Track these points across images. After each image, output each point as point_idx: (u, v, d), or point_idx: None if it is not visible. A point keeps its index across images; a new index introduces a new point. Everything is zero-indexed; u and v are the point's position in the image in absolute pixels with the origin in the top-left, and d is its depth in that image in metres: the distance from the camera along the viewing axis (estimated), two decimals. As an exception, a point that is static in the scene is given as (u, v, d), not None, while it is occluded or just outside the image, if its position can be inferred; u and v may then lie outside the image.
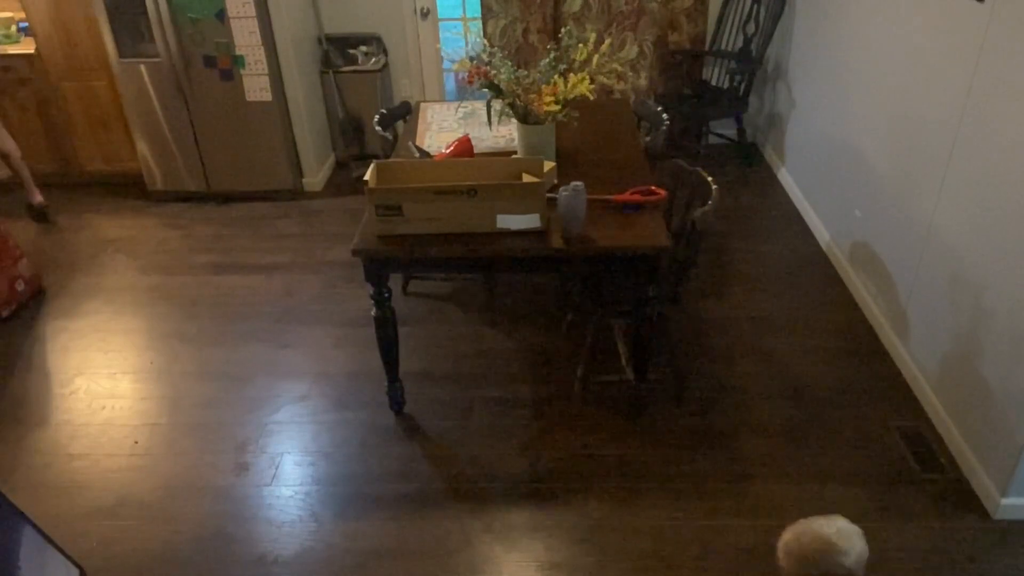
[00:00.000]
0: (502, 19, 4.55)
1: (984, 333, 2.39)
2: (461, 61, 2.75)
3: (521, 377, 3.02)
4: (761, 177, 4.55)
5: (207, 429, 2.84)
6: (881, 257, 3.14)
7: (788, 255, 3.76)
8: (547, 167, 2.55)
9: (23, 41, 4.41)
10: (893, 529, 2.33)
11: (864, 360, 3.03)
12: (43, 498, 2.57)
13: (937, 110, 2.66)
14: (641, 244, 2.39)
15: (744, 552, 2.29)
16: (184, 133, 4.29)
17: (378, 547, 2.36)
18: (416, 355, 3.14)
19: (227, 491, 2.58)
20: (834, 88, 3.67)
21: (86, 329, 3.44)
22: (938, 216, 2.67)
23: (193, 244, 4.08)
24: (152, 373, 3.15)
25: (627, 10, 4.47)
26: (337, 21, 4.62)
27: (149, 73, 4.11)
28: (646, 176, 2.78)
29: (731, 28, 4.49)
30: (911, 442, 2.63)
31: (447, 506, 2.48)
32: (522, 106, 2.68)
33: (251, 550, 2.38)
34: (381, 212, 2.41)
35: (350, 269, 3.67)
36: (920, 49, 2.81)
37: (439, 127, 3.33)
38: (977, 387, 2.43)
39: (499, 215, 2.41)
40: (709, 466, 2.58)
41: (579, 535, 2.36)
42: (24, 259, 3.63)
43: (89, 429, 2.87)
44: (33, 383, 3.13)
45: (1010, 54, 2.24)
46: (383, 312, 2.60)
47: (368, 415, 2.86)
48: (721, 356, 3.09)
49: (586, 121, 3.01)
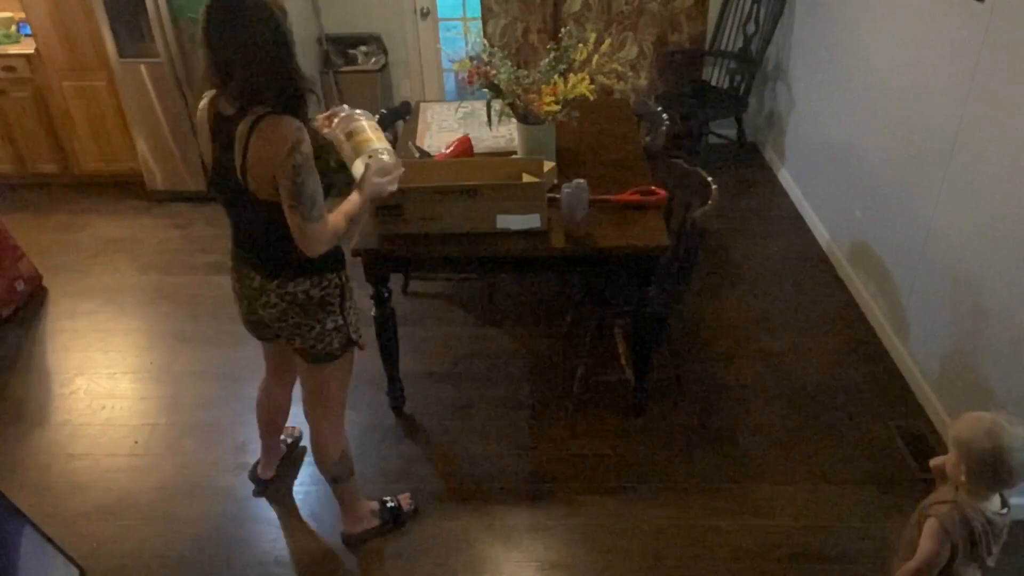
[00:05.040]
0: (502, 19, 4.55)
1: (984, 333, 2.39)
2: (461, 61, 2.75)
3: (521, 377, 3.02)
4: (761, 177, 4.55)
5: (207, 429, 2.84)
6: (881, 257, 3.14)
7: (788, 255, 3.76)
8: (547, 167, 2.55)
9: (23, 41, 4.41)
10: (893, 529, 2.33)
11: (864, 360, 3.03)
12: (43, 498, 2.57)
13: (937, 110, 2.66)
14: (641, 244, 2.39)
15: (744, 552, 2.29)
16: (184, 133, 4.28)
17: (378, 547, 2.36)
18: (416, 355, 3.14)
19: (227, 491, 2.58)
20: (834, 88, 3.67)
21: (86, 329, 3.44)
22: (938, 216, 2.67)
23: (193, 244, 4.08)
24: (152, 373, 3.15)
25: (627, 10, 4.47)
26: (337, 21, 4.62)
27: (149, 73, 4.11)
28: (646, 176, 2.78)
29: (731, 28, 4.49)
30: (911, 442, 2.63)
31: (447, 506, 2.48)
32: (522, 106, 2.68)
33: (251, 550, 2.38)
34: (381, 212, 2.41)
35: (350, 269, 3.65)
36: (920, 49, 2.81)
37: (439, 127, 3.33)
38: (977, 387, 2.43)
39: (499, 215, 2.41)
40: (709, 466, 2.58)
41: (579, 535, 2.36)
42: (24, 259, 3.63)
43: (89, 429, 2.87)
44: (33, 383, 3.13)
45: (1010, 54, 2.24)
46: (383, 312, 2.60)
47: (368, 415, 2.86)
48: (721, 356, 3.09)
49: (586, 121, 3.01)
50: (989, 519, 1.59)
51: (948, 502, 1.60)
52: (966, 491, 1.60)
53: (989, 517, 1.59)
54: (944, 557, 1.59)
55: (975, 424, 1.55)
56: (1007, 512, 1.62)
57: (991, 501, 1.60)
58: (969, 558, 1.61)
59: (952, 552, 1.59)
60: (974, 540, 1.58)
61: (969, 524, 1.57)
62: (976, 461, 1.54)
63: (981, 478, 1.55)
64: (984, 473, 1.54)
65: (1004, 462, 1.51)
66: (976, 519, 1.58)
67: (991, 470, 1.53)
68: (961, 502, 1.59)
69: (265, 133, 1.74)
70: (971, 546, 1.59)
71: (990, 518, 1.59)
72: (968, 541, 1.58)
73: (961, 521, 1.57)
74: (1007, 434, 1.51)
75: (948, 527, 1.57)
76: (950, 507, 1.59)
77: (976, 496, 1.59)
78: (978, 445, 1.52)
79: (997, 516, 1.60)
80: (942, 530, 1.57)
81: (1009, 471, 1.52)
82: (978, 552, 1.61)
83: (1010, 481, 1.55)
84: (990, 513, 1.60)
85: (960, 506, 1.58)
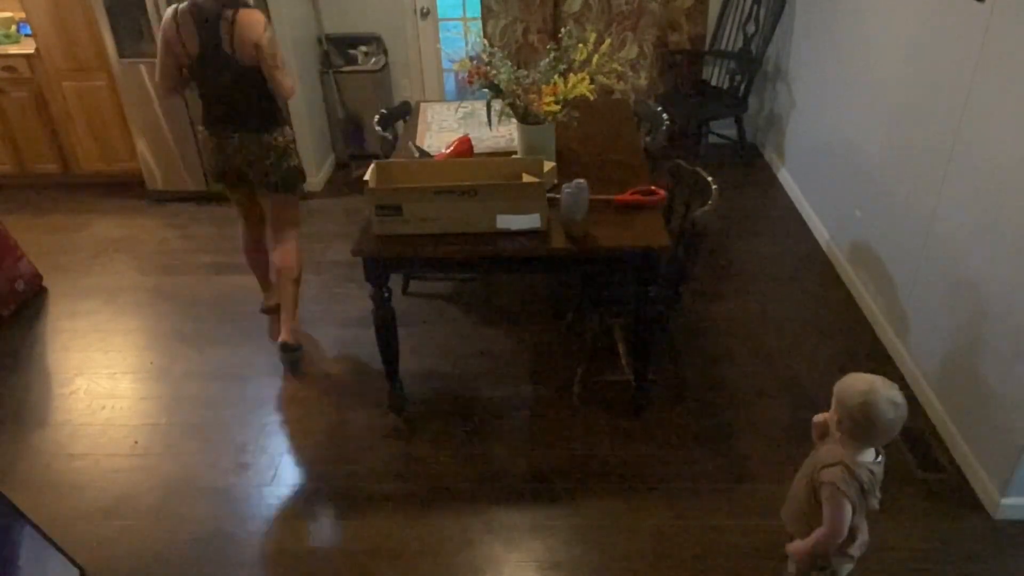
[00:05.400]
0: (502, 19, 4.55)
1: (984, 333, 2.39)
2: (461, 61, 2.75)
3: (521, 377, 3.02)
4: (761, 177, 4.55)
5: (207, 429, 2.84)
6: (881, 257, 3.14)
7: (788, 255, 3.76)
8: (547, 167, 2.55)
9: (23, 41, 4.41)
10: (893, 529, 2.33)
11: (864, 360, 3.03)
12: (43, 498, 2.57)
13: (937, 110, 2.66)
14: (641, 244, 2.39)
15: (744, 552, 2.29)
16: (184, 133, 4.29)
17: (378, 547, 2.36)
18: (416, 355, 3.14)
19: (227, 491, 2.58)
20: (834, 88, 3.67)
21: (86, 329, 3.44)
22: (938, 216, 2.67)
23: (193, 244, 4.08)
24: (152, 373, 3.15)
25: (627, 10, 4.47)
26: (337, 21, 4.62)
27: (149, 73, 4.11)
28: (646, 176, 2.78)
29: (731, 28, 4.49)
30: (911, 442, 2.63)
31: (447, 506, 2.48)
32: (522, 106, 2.68)
33: (251, 550, 2.38)
34: (381, 212, 2.41)
35: (350, 269, 3.66)
36: (920, 49, 2.81)
37: (439, 127, 3.33)
38: (977, 387, 2.43)
39: (499, 215, 2.41)
40: (709, 466, 2.58)
41: (579, 535, 2.36)
42: (24, 258, 3.63)
43: (89, 429, 2.87)
44: (33, 383, 3.13)
45: (1010, 54, 2.24)
46: (383, 312, 2.60)
47: (368, 415, 2.86)
48: (721, 356, 3.09)
49: (586, 121, 3.01)
50: (871, 469, 1.73)
51: (836, 464, 1.72)
52: (843, 445, 1.73)
53: (871, 468, 1.73)
54: (849, 515, 1.72)
55: (854, 383, 1.68)
56: (881, 460, 1.76)
57: (867, 453, 1.73)
58: (861, 508, 1.76)
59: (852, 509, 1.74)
60: (864, 491, 1.72)
61: (858, 479, 1.70)
62: (851, 418, 1.67)
63: (855, 433, 1.68)
64: (857, 429, 1.67)
65: (874, 421, 1.64)
66: (862, 473, 1.71)
67: (863, 427, 1.66)
68: (847, 461, 1.71)
69: (244, 18, 2.68)
70: (861, 497, 1.73)
71: (871, 468, 1.73)
72: (860, 494, 1.72)
73: (851, 479, 1.70)
74: (880, 396, 1.63)
75: (844, 488, 1.69)
76: (840, 469, 1.71)
77: (854, 450, 1.72)
78: (853, 402, 1.65)
79: (875, 465, 1.74)
80: (840, 493, 1.69)
81: (878, 430, 1.66)
82: (866, 501, 1.75)
83: (881, 439, 1.69)
84: (870, 463, 1.73)
85: (846, 466, 1.71)
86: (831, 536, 1.75)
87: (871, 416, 1.64)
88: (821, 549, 1.79)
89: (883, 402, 1.64)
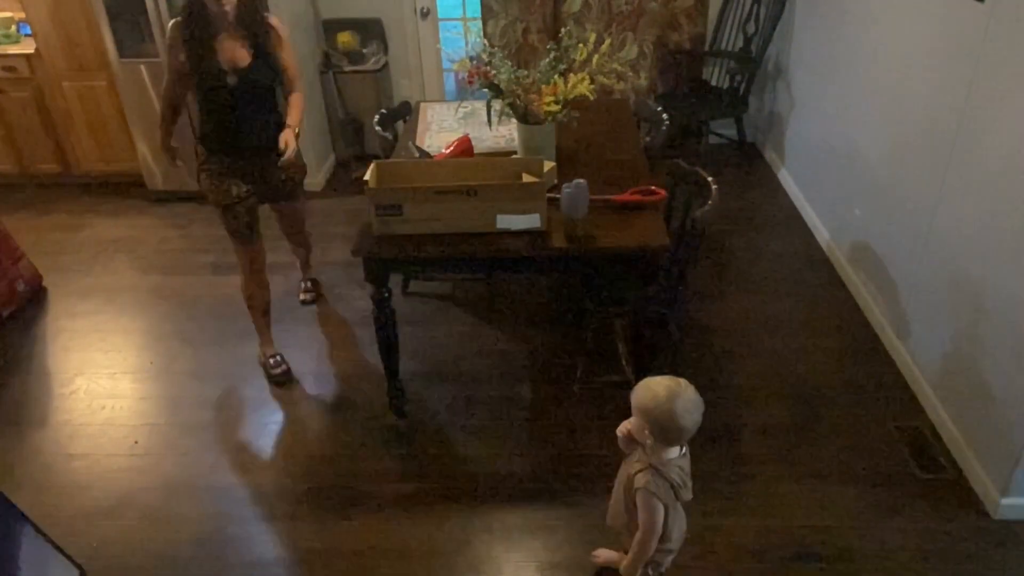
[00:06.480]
0: (502, 19, 4.55)
1: (984, 333, 2.39)
2: (461, 61, 2.75)
3: (521, 377, 3.02)
4: (761, 177, 4.55)
5: (207, 429, 2.84)
6: (881, 257, 3.14)
7: (788, 255, 3.76)
8: (547, 167, 2.55)
9: (23, 41, 4.41)
10: (893, 528, 2.33)
11: (864, 360, 3.03)
12: (43, 498, 2.57)
13: (937, 110, 2.66)
14: (641, 244, 2.39)
15: (744, 552, 2.29)
16: (184, 133, 4.28)
17: (378, 547, 2.36)
18: (416, 355, 3.14)
19: (227, 491, 2.58)
20: (834, 88, 3.67)
21: (86, 329, 3.44)
22: (938, 216, 2.67)
23: (193, 244, 4.08)
24: (152, 373, 3.15)
25: (627, 10, 4.48)
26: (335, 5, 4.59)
27: (149, 73, 4.11)
28: (646, 176, 2.78)
29: (731, 28, 4.49)
30: (911, 442, 2.63)
31: (447, 506, 2.48)
32: (522, 106, 2.68)
33: (251, 550, 2.38)
34: (381, 212, 2.41)
35: (350, 269, 3.66)
36: (920, 49, 2.81)
37: (439, 127, 3.33)
38: (977, 387, 2.43)
39: (499, 215, 2.41)
40: (709, 466, 2.58)
41: (579, 535, 2.36)
42: (24, 259, 3.63)
43: (89, 429, 2.87)
44: (33, 383, 3.13)
45: (1010, 54, 2.24)
46: (383, 312, 2.60)
47: (368, 415, 2.86)
48: (721, 356, 3.09)
49: (586, 121, 3.01)
50: (679, 465, 1.82)
51: (645, 469, 1.80)
52: (651, 450, 1.80)
53: (678, 464, 1.81)
54: (662, 516, 1.82)
55: (653, 389, 1.74)
56: (686, 452, 1.84)
57: (672, 451, 1.81)
58: (675, 505, 1.85)
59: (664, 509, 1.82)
60: (675, 488, 1.80)
61: (667, 478, 1.79)
62: (656, 423, 1.73)
63: (662, 436, 1.75)
64: (664, 434, 1.75)
65: (680, 424, 1.72)
66: (671, 472, 1.79)
67: (671, 431, 1.74)
68: (654, 463, 1.79)
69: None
70: (674, 494, 1.82)
71: (679, 464, 1.81)
72: (671, 492, 1.80)
73: (661, 480, 1.78)
74: (681, 399, 1.71)
75: (655, 491, 1.78)
76: (649, 472, 1.79)
77: (661, 452, 1.80)
78: (658, 410, 1.72)
79: (682, 459, 1.83)
80: (652, 496, 1.79)
81: (685, 431, 1.74)
82: (679, 496, 1.83)
83: (684, 437, 1.77)
84: (677, 460, 1.81)
85: (655, 468, 1.79)
86: (649, 537, 1.85)
87: (676, 420, 1.71)
88: (645, 549, 1.88)
89: (686, 404, 1.72)
